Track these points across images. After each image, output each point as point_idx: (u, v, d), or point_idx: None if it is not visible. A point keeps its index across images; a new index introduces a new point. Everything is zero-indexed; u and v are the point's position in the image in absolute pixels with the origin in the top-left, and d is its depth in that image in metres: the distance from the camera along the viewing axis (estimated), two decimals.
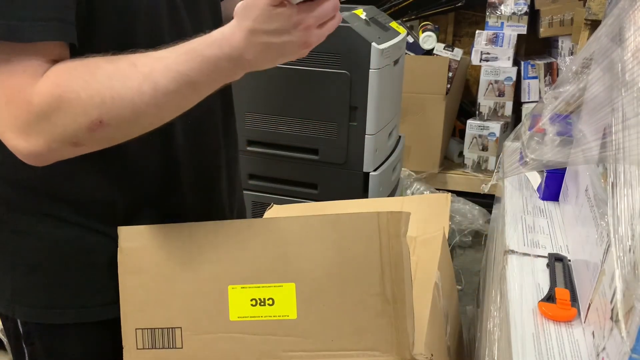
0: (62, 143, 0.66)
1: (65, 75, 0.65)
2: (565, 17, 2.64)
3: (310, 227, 0.80)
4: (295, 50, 0.66)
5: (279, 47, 0.65)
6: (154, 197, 0.84)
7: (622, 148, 0.71)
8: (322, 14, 0.64)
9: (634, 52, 0.76)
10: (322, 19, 0.65)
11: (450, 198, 1.42)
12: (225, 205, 0.97)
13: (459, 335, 1.35)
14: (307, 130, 1.80)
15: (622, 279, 0.62)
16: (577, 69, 1.04)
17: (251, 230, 0.81)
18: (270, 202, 1.48)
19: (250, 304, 0.79)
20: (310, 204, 1.72)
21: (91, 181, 0.79)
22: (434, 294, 1.01)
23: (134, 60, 0.66)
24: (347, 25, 1.66)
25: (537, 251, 0.99)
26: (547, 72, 2.71)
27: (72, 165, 0.72)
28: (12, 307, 0.82)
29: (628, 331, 0.59)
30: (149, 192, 0.84)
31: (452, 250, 2.44)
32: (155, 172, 0.83)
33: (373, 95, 1.71)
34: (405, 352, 0.75)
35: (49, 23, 0.65)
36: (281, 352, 0.78)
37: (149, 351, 0.81)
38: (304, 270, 0.79)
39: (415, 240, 1.17)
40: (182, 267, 0.81)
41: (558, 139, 1.07)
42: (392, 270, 0.77)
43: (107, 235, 0.82)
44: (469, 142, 2.79)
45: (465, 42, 3.08)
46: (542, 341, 0.77)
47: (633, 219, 0.64)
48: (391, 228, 0.77)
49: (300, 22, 0.64)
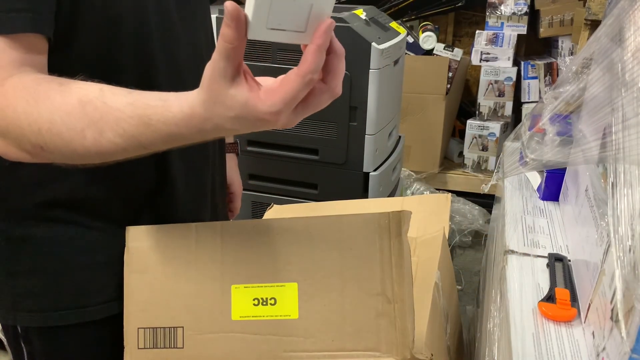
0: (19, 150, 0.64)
1: (14, 92, 0.62)
2: (565, 17, 2.64)
3: (312, 227, 0.80)
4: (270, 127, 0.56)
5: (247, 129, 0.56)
6: (146, 191, 0.84)
7: (622, 148, 0.71)
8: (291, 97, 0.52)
9: (634, 52, 0.76)
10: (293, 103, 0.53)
11: (450, 198, 1.43)
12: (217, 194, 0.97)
13: (459, 335, 1.35)
14: (307, 130, 1.80)
15: (622, 279, 0.62)
16: (577, 69, 1.04)
17: (255, 231, 0.81)
18: (270, 202, 1.48)
19: (252, 303, 0.79)
20: (311, 204, 1.72)
21: (82, 178, 0.78)
22: (434, 294, 1.01)
23: (87, 99, 0.60)
24: (347, 25, 1.66)
25: (537, 251, 0.99)
26: (547, 72, 2.71)
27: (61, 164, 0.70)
28: (14, 314, 0.82)
29: (628, 331, 0.59)
30: (141, 186, 0.83)
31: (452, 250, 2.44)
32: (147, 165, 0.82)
33: (373, 95, 1.71)
34: (405, 352, 0.76)
35: (20, 14, 0.62)
36: (282, 352, 0.78)
37: (149, 351, 0.81)
38: (306, 270, 0.79)
39: (416, 241, 1.17)
40: (187, 267, 0.81)
41: (558, 139, 1.07)
42: (393, 270, 0.77)
43: (104, 232, 0.81)
44: (469, 142, 2.79)
45: (465, 42, 3.08)
46: (542, 341, 0.77)
47: (633, 219, 0.64)
48: (392, 228, 0.77)
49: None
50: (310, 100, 0.56)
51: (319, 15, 0.51)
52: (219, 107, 0.54)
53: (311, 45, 0.52)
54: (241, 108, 0.53)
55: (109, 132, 0.59)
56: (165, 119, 0.57)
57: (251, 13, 0.49)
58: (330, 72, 0.55)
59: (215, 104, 0.54)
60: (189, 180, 0.88)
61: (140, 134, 0.58)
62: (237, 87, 0.53)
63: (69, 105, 0.60)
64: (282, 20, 0.50)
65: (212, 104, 0.54)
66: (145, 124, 0.58)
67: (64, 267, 0.80)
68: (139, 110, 0.58)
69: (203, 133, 0.57)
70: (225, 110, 0.54)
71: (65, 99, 0.60)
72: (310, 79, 0.52)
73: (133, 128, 0.58)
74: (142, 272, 0.82)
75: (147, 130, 0.58)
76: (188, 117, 0.56)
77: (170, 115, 0.57)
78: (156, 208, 0.85)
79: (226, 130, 0.56)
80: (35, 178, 0.77)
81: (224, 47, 0.51)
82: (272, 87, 0.53)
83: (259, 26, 0.50)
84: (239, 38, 0.50)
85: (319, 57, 0.52)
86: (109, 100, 0.59)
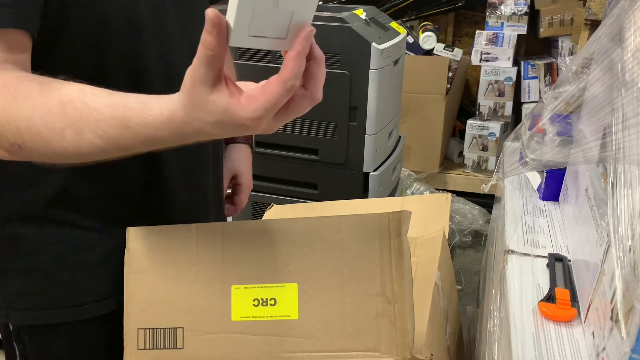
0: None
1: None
2: (565, 17, 2.64)
3: (312, 228, 0.80)
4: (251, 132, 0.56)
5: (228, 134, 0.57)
6: (140, 191, 0.84)
7: (622, 148, 0.71)
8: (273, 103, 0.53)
9: (634, 52, 0.76)
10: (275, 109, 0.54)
11: (450, 198, 1.42)
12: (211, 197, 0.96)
13: (459, 335, 1.35)
14: (307, 130, 1.80)
15: (622, 279, 0.62)
16: (577, 69, 1.04)
17: (255, 231, 0.81)
18: (270, 202, 1.48)
19: (252, 304, 0.79)
20: (311, 204, 1.72)
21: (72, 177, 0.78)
22: (434, 294, 1.01)
23: (68, 99, 0.60)
24: (347, 25, 1.66)
25: (537, 251, 0.99)
26: (547, 72, 2.71)
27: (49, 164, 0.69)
28: (6, 312, 0.82)
29: (628, 331, 0.59)
30: (133, 186, 0.83)
31: (452, 250, 2.44)
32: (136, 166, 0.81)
33: (373, 95, 1.71)
34: (405, 352, 0.76)
35: (3, 10, 0.61)
36: (282, 353, 0.78)
37: (149, 351, 0.81)
38: (306, 270, 0.79)
39: (416, 241, 1.17)
40: (187, 268, 0.81)
41: (558, 139, 1.07)
42: (393, 270, 0.77)
43: (95, 231, 0.81)
44: (469, 142, 2.79)
45: (465, 42, 3.08)
46: (542, 341, 0.77)
47: (633, 219, 0.64)
48: (392, 228, 0.77)
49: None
50: (291, 106, 0.56)
51: (299, 23, 0.52)
52: (200, 112, 0.54)
53: (291, 51, 0.52)
54: (222, 114, 0.53)
55: (88, 132, 0.59)
56: (145, 122, 0.57)
57: (233, 20, 0.49)
58: (310, 78, 0.56)
59: (196, 109, 0.54)
60: (185, 181, 0.88)
61: (119, 136, 0.58)
62: (218, 93, 0.53)
63: (49, 104, 0.59)
64: (264, 27, 0.51)
65: (193, 108, 0.54)
66: (125, 126, 0.58)
67: (54, 265, 0.80)
68: (119, 112, 0.58)
69: (183, 137, 0.57)
70: (207, 115, 0.54)
71: (45, 99, 0.60)
72: (291, 85, 0.52)
73: (112, 130, 0.58)
74: (142, 273, 0.82)
75: (126, 133, 0.58)
76: (168, 120, 0.56)
77: (150, 118, 0.57)
78: (152, 209, 0.85)
79: (207, 134, 0.56)
80: (25, 176, 0.77)
81: (204, 53, 0.51)
82: (253, 93, 0.53)
83: (240, 33, 0.50)
84: (220, 45, 0.51)
85: (300, 63, 0.52)
86: (89, 101, 0.59)
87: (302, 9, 0.51)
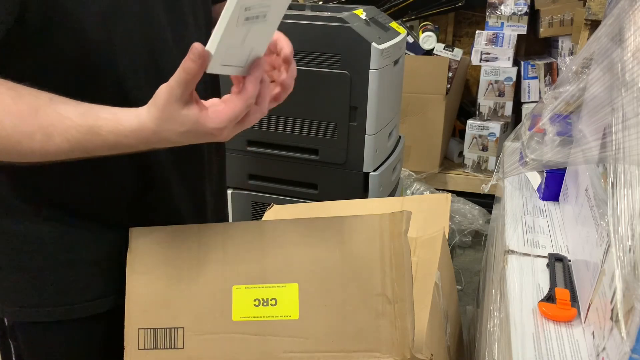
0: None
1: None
2: (565, 17, 2.64)
3: (313, 228, 0.80)
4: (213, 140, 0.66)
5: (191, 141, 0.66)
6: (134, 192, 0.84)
7: (622, 148, 0.71)
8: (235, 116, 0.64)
9: (634, 52, 0.76)
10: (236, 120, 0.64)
11: (450, 198, 1.42)
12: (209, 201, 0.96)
13: (459, 335, 1.35)
14: (307, 130, 1.80)
15: (622, 279, 0.62)
16: (577, 69, 1.04)
17: (256, 232, 0.82)
18: (270, 202, 1.48)
19: (253, 304, 0.79)
20: (311, 204, 1.72)
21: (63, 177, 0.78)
22: (434, 294, 1.01)
23: (38, 105, 0.64)
24: (347, 25, 1.66)
25: (537, 251, 0.99)
26: (547, 72, 2.71)
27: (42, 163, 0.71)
28: (2, 307, 0.83)
29: (628, 331, 0.59)
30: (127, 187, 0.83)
31: (452, 250, 2.44)
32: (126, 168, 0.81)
33: (373, 95, 1.71)
34: (405, 352, 0.76)
35: None
36: (282, 353, 0.78)
37: (150, 351, 0.81)
38: (307, 270, 0.79)
39: (416, 241, 1.17)
40: (189, 268, 0.81)
41: (558, 139, 1.07)
42: (393, 270, 0.77)
43: (89, 230, 0.82)
44: (469, 142, 2.79)
45: (465, 42, 3.08)
46: (542, 341, 0.77)
47: (633, 219, 0.64)
48: (392, 228, 0.77)
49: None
50: (246, 118, 0.67)
51: (255, 55, 0.66)
52: (171, 124, 0.63)
53: (249, 76, 0.65)
54: (192, 125, 0.63)
55: (58, 137, 0.64)
56: (117, 130, 0.64)
57: (214, 52, 0.60)
58: (260, 97, 0.67)
59: (166, 122, 0.63)
60: (183, 183, 0.88)
61: (88, 142, 0.65)
62: (190, 108, 0.63)
63: (20, 110, 0.64)
64: (232, 59, 0.63)
65: (164, 121, 0.63)
66: (95, 133, 0.64)
67: (47, 264, 0.81)
68: (90, 120, 0.64)
69: (149, 144, 0.66)
70: (177, 126, 0.63)
71: (16, 104, 0.64)
72: (250, 102, 0.65)
73: (81, 135, 0.64)
74: (144, 273, 0.82)
75: (95, 139, 0.65)
76: (138, 130, 0.64)
77: (121, 128, 0.64)
78: (147, 211, 0.85)
79: (171, 142, 0.65)
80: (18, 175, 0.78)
81: (184, 77, 0.61)
82: (218, 107, 0.64)
83: (216, 63, 0.62)
84: (200, 72, 0.61)
85: (256, 86, 0.65)
86: (60, 109, 0.65)
87: (259, 44, 0.66)
